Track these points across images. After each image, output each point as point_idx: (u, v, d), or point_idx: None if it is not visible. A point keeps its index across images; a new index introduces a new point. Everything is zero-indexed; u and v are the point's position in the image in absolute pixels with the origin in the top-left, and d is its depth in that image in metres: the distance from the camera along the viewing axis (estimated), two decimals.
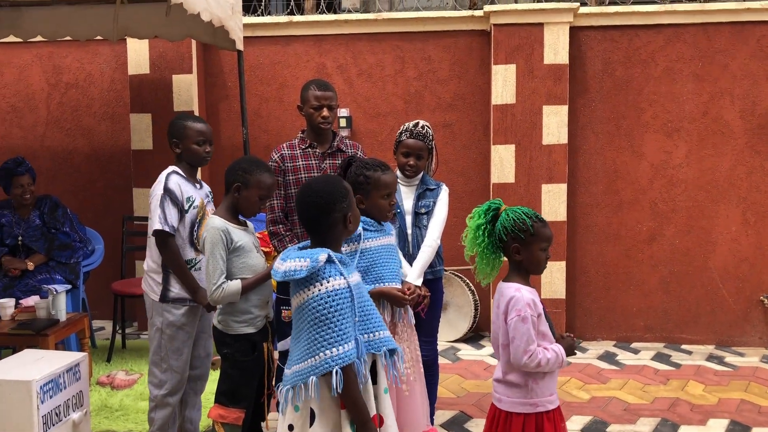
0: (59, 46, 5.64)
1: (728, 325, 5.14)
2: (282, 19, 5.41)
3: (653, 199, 5.14)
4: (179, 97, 5.35)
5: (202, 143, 3.13)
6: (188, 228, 3.09)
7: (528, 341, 2.33)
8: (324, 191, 2.21)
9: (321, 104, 3.36)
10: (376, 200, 2.83)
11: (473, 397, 4.17)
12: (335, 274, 2.12)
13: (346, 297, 2.12)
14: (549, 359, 2.35)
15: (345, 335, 2.10)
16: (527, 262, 2.45)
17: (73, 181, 5.78)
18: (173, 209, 3.01)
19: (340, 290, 2.11)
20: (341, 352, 2.08)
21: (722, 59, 5.00)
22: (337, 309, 2.10)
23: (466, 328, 5.15)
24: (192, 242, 3.11)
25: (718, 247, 5.10)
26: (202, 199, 3.16)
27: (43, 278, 4.44)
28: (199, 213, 3.12)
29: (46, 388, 2.96)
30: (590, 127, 5.16)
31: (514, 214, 2.44)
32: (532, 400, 2.39)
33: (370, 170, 2.82)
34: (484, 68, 5.23)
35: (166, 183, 3.04)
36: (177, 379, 3.12)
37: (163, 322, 3.10)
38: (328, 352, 2.08)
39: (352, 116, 5.39)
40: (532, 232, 2.41)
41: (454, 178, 5.28)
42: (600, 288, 5.26)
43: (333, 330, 2.09)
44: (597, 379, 4.48)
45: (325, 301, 2.09)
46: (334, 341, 2.08)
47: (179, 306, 3.09)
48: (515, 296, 2.38)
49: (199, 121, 3.18)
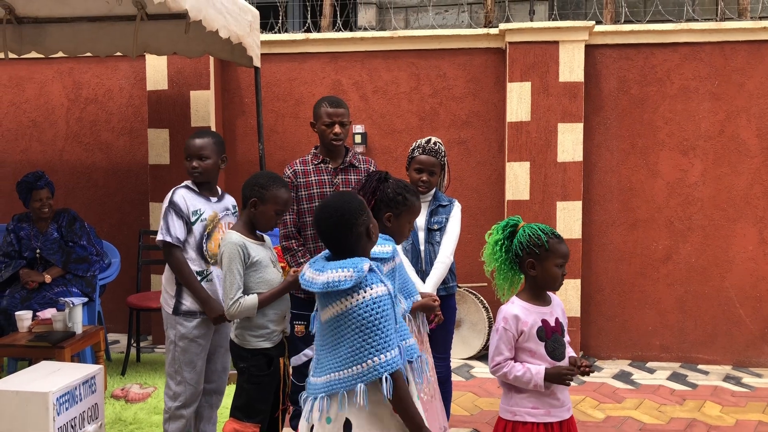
0: (79, 62, 5.73)
1: (745, 346, 5.08)
2: (298, 37, 5.47)
3: (669, 217, 5.12)
4: (197, 112, 5.41)
5: (189, 159, 3.18)
6: (197, 240, 3.13)
7: (495, 351, 2.47)
8: (344, 208, 2.22)
9: (333, 121, 3.38)
10: (404, 223, 2.86)
11: (487, 415, 4.14)
12: (377, 281, 2.14)
13: (389, 303, 2.14)
14: (517, 376, 2.44)
15: (391, 341, 2.10)
16: (542, 278, 2.48)
17: (90, 195, 5.85)
18: (178, 221, 3.09)
19: (384, 296, 2.12)
20: (389, 358, 2.08)
21: (739, 78, 4.99)
22: (383, 315, 2.10)
23: (480, 346, 5.13)
24: (202, 254, 3.14)
25: (734, 266, 5.06)
26: (215, 213, 3.20)
27: (60, 291, 4.48)
28: (209, 226, 3.16)
29: (62, 400, 2.98)
30: (605, 145, 5.15)
31: (530, 229, 2.49)
32: (511, 408, 2.50)
33: (410, 194, 2.85)
34: (499, 86, 5.25)
35: (171, 196, 3.14)
36: (191, 391, 3.14)
37: (176, 335, 3.13)
38: (377, 358, 2.07)
39: (368, 133, 5.42)
40: (546, 248, 2.44)
41: (468, 195, 5.29)
42: (615, 306, 5.22)
43: (380, 336, 2.08)
44: (612, 398, 4.44)
45: (371, 307, 2.09)
46: (382, 347, 2.08)
47: (191, 319, 3.12)
48: (502, 309, 2.50)
49: (195, 137, 3.22)
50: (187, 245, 3.12)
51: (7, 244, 4.62)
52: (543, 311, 2.48)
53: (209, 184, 3.25)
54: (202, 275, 3.14)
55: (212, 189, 3.26)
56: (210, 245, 3.15)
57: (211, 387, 3.30)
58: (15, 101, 5.90)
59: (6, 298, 4.40)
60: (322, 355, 2.21)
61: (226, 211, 3.28)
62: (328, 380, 2.15)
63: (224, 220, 3.25)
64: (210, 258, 3.16)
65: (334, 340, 2.17)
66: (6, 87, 5.90)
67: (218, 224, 3.21)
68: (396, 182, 2.88)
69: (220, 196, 3.29)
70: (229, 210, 3.30)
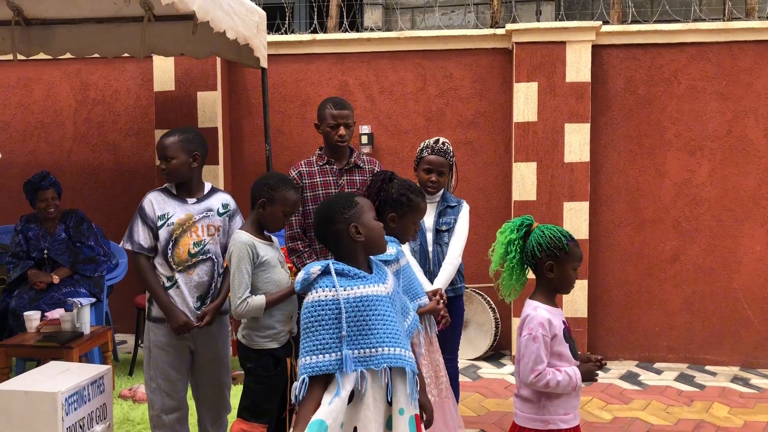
0: (87, 63, 5.75)
1: (753, 347, 5.06)
2: (305, 38, 5.47)
3: (676, 218, 5.10)
4: (203, 113, 5.43)
5: (160, 159, 3.10)
6: (163, 245, 3.02)
7: (536, 361, 2.34)
8: (324, 205, 2.30)
9: (338, 122, 3.38)
10: (408, 223, 2.86)
11: (494, 416, 4.14)
12: (324, 285, 2.14)
13: (331, 308, 2.12)
14: (559, 381, 2.34)
15: (324, 345, 2.11)
16: (558, 281, 2.44)
17: (98, 195, 5.87)
18: (142, 227, 3.03)
19: (323, 301, 2.13)
20: (310, 362, 2.10)
21: (746, 78, 4.97)
22: (315, 319, 2.12)
23: (487, 346, 5.13)
24: (166, 260, 3.02)
25: (742, 267, 5.04)
26: (189, 215, 3.05)
27: (68, 291, 4.50)
28: (176, 231, 3.02)
29: (71, 400, 2.99)
30: (612, 146, 5.14)
31: (550, 231, 2.43)
32: (543, 417, 2.39)
33: (414, 194, 2.85)
34: (506, 86, 5.25)
35: (142, 200, 3.08)
36: (167, 399, 3.07)
37: (149, 341, 3.10)
38: (303, 360, 2.12)
39: (374, 133, 5.42)
40: (566, 251, 2.40)
41: (475, 196, 5.29)
42: (622, 307, 5.21)
43: (309, 339, 2.12)
44: (619, 399, 4.43)
45: (308, 310, 2.14)
46: (308, 350, 2.12)
47: (160, 325, 3.05)
48: (530, 315, 2.39)
49: (162, 136, 3.12)
50: (157, 250, 3.04)
51: (15, 244, 4.64)
52: (560, 313, 2.47)
53: (186, 184, 3.09)
54: (171, 281, 3.03)
55: (191, 189, 3.10)
56: (177, 251, 3.02)
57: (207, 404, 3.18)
58: (23, 102, 5.92)
59: (14, 298, 4.41)
60: None
61: (208, 212, 3.10)
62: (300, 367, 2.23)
63: (202, 223, 3.08)
64: (175, 265, 3.02)
65: None
66: (14, 88, 5.93)
67: (192, 227, 3.05)
68: (401, 183, 2.88)
69: (205, 195, 3.13)
70: (212, 210, 3.11)
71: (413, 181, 3.01)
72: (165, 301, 3.00)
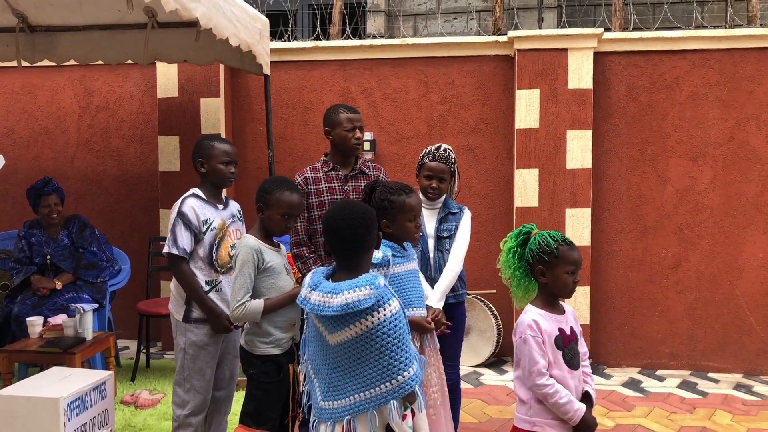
0: (91, 69, 5.78)
1: (756, 354, 5.05)
2: (308, 44, 5.50)
3: (678, 224, 5.10)
4: (207, 120, 5.44)
5: (227, 164, 3.17)
6: (207, 249, 3.11)
7: (530, 362, 2.38)
8: (354, 225, 2.21)
9: (354, 126, 3.40)
10: (403, 223, 2.85)
11: (495, 422, 4.13)
12: (391, 296, 2.14)
13: (403, 318, 2.15)
14: (559, 403, 2.37)
15: (412, 355, 2.13)
16: (552, 285, 2.47)
17: (101, 201, 5.89)
18: (186, 232, 3.05)
19: (400, 311, 2.14)
20: (416, 371, 2.11)
21: (748, 85, 4.98)
22: (402, 331, 2.11)
23: (489, 353, 5.12)
24: (212, 263, 3.13)
25: (745, 274, 5.03)
26: (223, 220, 3.19)
27: (71, 297, 4.51)
28: (218, 234, 3.14)
29: (73, 405, 3.00)
30: (614, 152, 5.15)
31: (541, 237, 2.48)
32: (531, 419, 2.44)
33: (395, 194, 2.85)
34: (508, 93, 5.26)
35: (180, 206, 3.09)
36: (200, 399, 3.14)
37: (185, 342, 3.12)
38: (406, 373, 2.09)
39: (376, 140, 5.44)
40: (556, 255, 2.43)
41: (477, 202, 5.29)
42: (624, 314, 5.21)
43: (405, 351, 2.10)
44: (622, 406, 4.42)
45: (393, 324, 2.09)
46: (408, 362, 2.10)
47: (201, 326, 3.12)
48: (520, 319, 2.46)
49: (225, 142, 3.23)
50: (195, 255, 3.11)
51: (18, 250, 4.65)
52: (559, 319, 2.47)
53: (218, 190, 3.24)
54: (211, 284, 3.13)
55: (218, 196, 3.25)
56: (220, 254, 3.15)
57: (220, 394, 3.30)
58: (27, 108, 5.95)
59: (17, 304, 4.43)
60: (336, 378, 2.17)
61: (233, 218, 3.27)
62: (351, 402, 2.13)
63: (232, 227, 3.25)
64: (219, 267, 3.15)
65: (353, 362, 2.13)
66: (18, 94, 5.96)
67: (227, 232, 3.20)
68: (382, 188, 2.89)
69: (225, 202, 3.28)
70: (234, 216, 3.29)
71: (400, 182, 2.99)
72: (210, 304, 3.09)
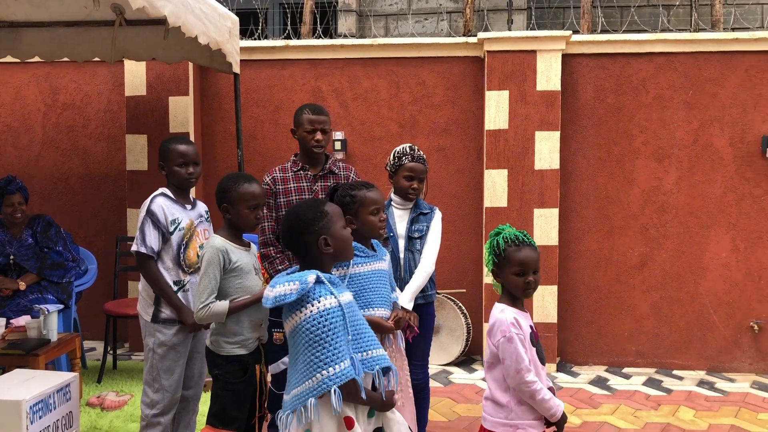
0: (56, 66, 5.69)
1: (719, 351, 5.15)
2: (278, 43, 5.47)
3: (644, 224, 5.18)
4: (175, 118, 5.39)
5: (183, 165, 3.15)
6: (175, 250, 3.11)
7: (518, 360, 2.35)
8: (293, 215, 2.30)
9: (315, 128, 3.39)
10: (365, 217, 2.84)
11: (464, 421, 4.16)
12: (325, 293, 2.15)
13: (338, 316, 2.14)
14: (545, 399, 2.37)
15: (340, 354, 2.11)
16: (506, 286, 2.47)
17: (67, 200, 5.80)
18: (154, 231, 3.06)
19: (331, 309, 2.13)
20: (338, 371, 2.09)
21: (712, 88, 5.08)
22: (330, 328, 2.11)
23: (458, 352, 5.15)
24: (179, 264, 3.12)
25: (708, 273, 5.14)
26: (191, 221, 3.18)
27: (35, 298, 4.44)
28: (186, 235, 3.14)
29: (35, 408, 2.95)
30: (582, 153, 5.22)
31: (495, 237, 2.47)
32: (513, 422, 2.41)
33: (355, 189, 2.87)
34: (478, 94, 5.30)
35: (149, 205, 3.09)
36: (169, 398, 3.13)
37: (154, 342, 3.11)
38: (325, 372, 2.09)
39: (347, 140, 5.44)
40: (503, 256, 2.43)
41: (447, 202, 5.32)
42: (592, 312, 5.28)
43: (327, 350, 2.10)
44: (588, 404, 4.48)
45: (317, 321, 2.11)
46: (330, 360, 2.10)
47: (170, 326, 3.11)
48: (499, 318, 2.42)
49: (184, 143, 3.20)
50: (164, 255, 3.10)
51: None
52: (527, 316, 2.49)
53: (184, 191, 3.23)
54: (179, 285, 3.12)
55: (185, 196, 3.24)
56: (188, 254, 3.14)
57: (189, 393, 3.29)
58: None
59: None
60: (290, 370, 2.24)
61: (200, 218, 3.27)
62: (291, 396, 2.18)
63: (200, 228, 3.24)
64: (187, 268, 3.14)
65: (293, 355, 2.20)
66: None
67: (195, 232, 3.20)
68: (343, 186, 2.92)
69: (193, 203, 3.28)
70: (202, 216, 3.30)
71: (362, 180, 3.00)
72: (179, 302, 3.09)
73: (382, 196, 2.94)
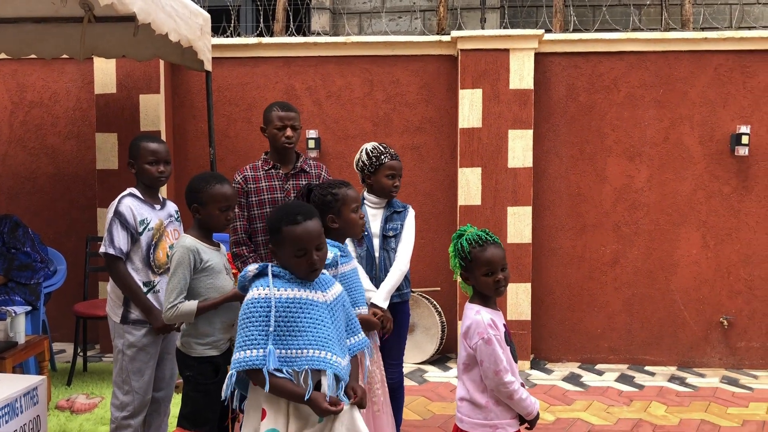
0: (23, 63, 5.58)
1: (689, 347, 5.22)
2: (251, 41, 5.43)
3: (616, 222, 5.23)
4: (146, 116, 5.32)
5: (153, 163, 3.10)
6: (144, 250, 3.07)
7: (496, 362, 2.35)
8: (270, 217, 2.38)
9: (284, 124, 3.37)
10: (348, 215, 2.85)
11: (439, 419, 4.16)
12: (259, 285, 2.26)
13: (262, 306, 2.21)
14: (523, 398, 2.38)
15: (252, 341, 2.20)
16: (477, 287, 2.46)
17: (35, 200, 5.69)
18: (122, 232, 3.01)
19: (257, 299, 2.23)
20: (240, 357, 2.20)
21: (682, 87, 5.14)
22: (248, 316, 2.22)
23: (433, 350, 5.16)
24: (149, 264, 3.08)
25: (679, 270, 5.20)
26: (161, 220, 3.14)
27: (2, 300, 4.35)
28: (155, 235, 3.10)
29: (1, 412, 2.89)
30: (554, 151, 5.25)
31: (460, 240, 2.47)
32: (491, 422, 2.41)
33: (335, 188, 2.86)
34: (452, 92, 5.31)
35: (117, 206, 3.05)
36: (139, 400, 3.09)
37: (124, 344, 3.07)
38: (236, 354, 2.22)
39: (321, 138, 5.41)
40: (470, 258, 2.43)
41: (421, 200, 5.32)
42: (565, 309, 5.32)
43: (241, 336, 2.22)
44: (562, 400, 4.51)
45: (243, 309, 2.25)
46: (239, 346, 2.22)
47: (140, 327, 3.07)
48: (475, 320, 2.40)
49: (154, 141, 3.15)
50: (133, 255, 3.06)
51: None
52: (500, 315, 2.49)
53: (153, 190, 3.19)
54: (148, 286, 3.08)
55: (154, 196, 3.20)
56: (157, 255, 3.10)
57: (160, 395, 3.24)
58: None
59: None
60: None
61: (170, 218, 3.23)
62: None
63: (170, 228, 3.20)
64: (156, 268, 3.10)
65: None
66: None
67: (164, 232, 3.15)
68: (321, 185, 2.92)
69: (162, 202, 3.23)
70: (172, 216, 3.25)
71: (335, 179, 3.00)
72: (148, 304, 3.06)
73: (359, 194, 2.94)
